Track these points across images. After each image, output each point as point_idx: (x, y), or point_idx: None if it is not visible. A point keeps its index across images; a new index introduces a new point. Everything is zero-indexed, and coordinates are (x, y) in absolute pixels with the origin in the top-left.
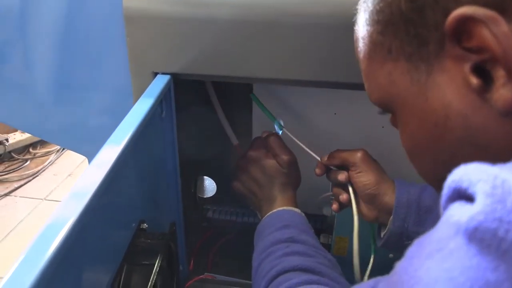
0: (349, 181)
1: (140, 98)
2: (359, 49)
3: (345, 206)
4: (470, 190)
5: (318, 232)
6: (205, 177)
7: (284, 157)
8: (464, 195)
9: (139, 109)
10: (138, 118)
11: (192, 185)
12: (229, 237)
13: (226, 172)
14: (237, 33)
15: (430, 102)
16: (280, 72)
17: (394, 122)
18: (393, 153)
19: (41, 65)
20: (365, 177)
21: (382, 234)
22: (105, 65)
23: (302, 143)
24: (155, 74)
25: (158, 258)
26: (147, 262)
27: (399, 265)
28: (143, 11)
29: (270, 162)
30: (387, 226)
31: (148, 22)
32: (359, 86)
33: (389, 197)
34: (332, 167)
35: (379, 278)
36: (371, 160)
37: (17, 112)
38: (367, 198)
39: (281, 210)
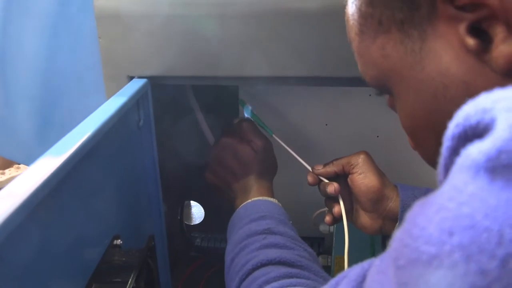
0: (339, 194)
1: (109, 100)
2: (349, 28)
3: (339, 219)
4: (486, 119)
5: (316, 254)
6: (192, 202)
7: (258, 142)
8: (474, 135)
9: (104, 109)
10: (101, 119)
11: (178, 212)
12: (219, 267)
13: (213, 195)
14: (218, 30)
15: (426, 72)
16: (267, 70)
17: (392, 104)
18: (388, 164)
19: (23, 98)
20: (368, 179)
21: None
22: (87, 95)
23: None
24: (131, 78)
25: (132, 275)
26: (119, 280)
27: (399, 232)
28: (116, 10)
29: (245, 149)
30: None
31: (121, 21)
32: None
33: (394, 202)
34: (323, 179)
35: (373, 259)
36: (374, 163)
37: (5, 141)
38: (371, 204)
39: (256, 200)
